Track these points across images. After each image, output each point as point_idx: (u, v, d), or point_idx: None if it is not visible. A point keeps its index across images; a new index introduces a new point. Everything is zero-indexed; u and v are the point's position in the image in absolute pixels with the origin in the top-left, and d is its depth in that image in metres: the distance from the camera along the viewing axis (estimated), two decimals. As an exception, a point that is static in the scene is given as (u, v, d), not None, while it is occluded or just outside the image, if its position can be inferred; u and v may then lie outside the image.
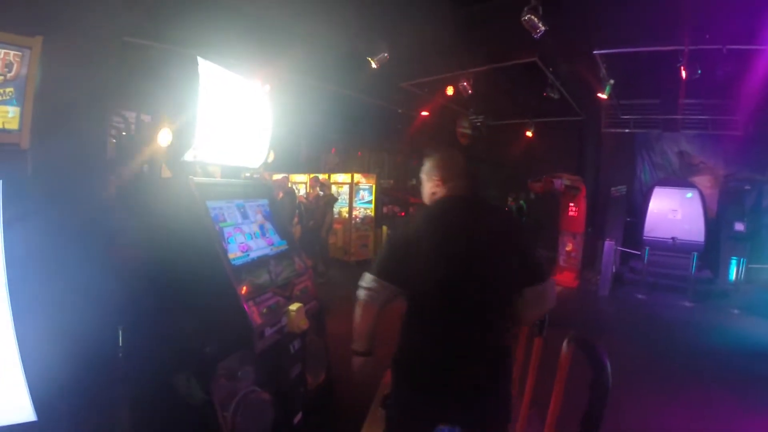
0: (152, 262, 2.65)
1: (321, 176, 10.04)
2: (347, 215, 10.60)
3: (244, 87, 3.18)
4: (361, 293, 1.86)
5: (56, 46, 2.32)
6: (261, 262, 2.94)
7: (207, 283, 2.56)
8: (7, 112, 2.04)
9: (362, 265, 10.26)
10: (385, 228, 10.68)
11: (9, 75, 2.07)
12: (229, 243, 2.78)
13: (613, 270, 9.16)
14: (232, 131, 3.09)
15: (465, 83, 8.16)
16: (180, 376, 2.55)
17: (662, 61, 7.19)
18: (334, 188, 10.10)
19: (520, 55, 7.33)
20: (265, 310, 2.64)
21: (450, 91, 8.62)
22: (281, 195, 7.94)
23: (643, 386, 4.46)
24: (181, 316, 2.52)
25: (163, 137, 2.68)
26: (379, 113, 11.08)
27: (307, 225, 8.36)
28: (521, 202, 12.70)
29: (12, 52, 2.05)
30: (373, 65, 6.96)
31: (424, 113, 11.31)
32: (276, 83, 7.77)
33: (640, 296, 8.70)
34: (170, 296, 2.55)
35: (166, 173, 2.87)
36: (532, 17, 5.42)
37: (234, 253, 2.77)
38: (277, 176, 8.94)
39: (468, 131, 11.67)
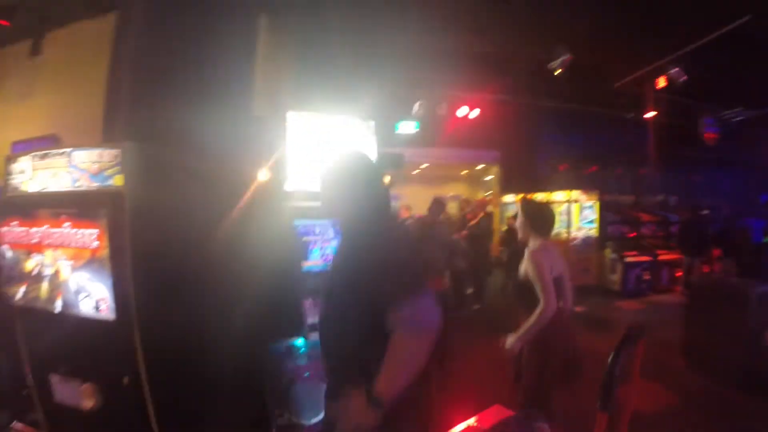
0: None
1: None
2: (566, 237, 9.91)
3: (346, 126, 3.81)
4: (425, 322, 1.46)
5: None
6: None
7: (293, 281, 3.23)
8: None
9: (580, 290, 8.97)
10: (608, 251, 9.50)
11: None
12: (311, 252, 3.46)
13: None
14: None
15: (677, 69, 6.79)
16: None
17: None
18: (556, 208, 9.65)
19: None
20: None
21: (662, 82, 7.30)
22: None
23: None
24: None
25: (263, 174, 3.53)
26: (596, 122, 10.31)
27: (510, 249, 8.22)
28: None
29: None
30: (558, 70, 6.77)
31: (650, 114, 9.57)
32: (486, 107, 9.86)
33: None
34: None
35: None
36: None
37: (314, 261, 3.42)
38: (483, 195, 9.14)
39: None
